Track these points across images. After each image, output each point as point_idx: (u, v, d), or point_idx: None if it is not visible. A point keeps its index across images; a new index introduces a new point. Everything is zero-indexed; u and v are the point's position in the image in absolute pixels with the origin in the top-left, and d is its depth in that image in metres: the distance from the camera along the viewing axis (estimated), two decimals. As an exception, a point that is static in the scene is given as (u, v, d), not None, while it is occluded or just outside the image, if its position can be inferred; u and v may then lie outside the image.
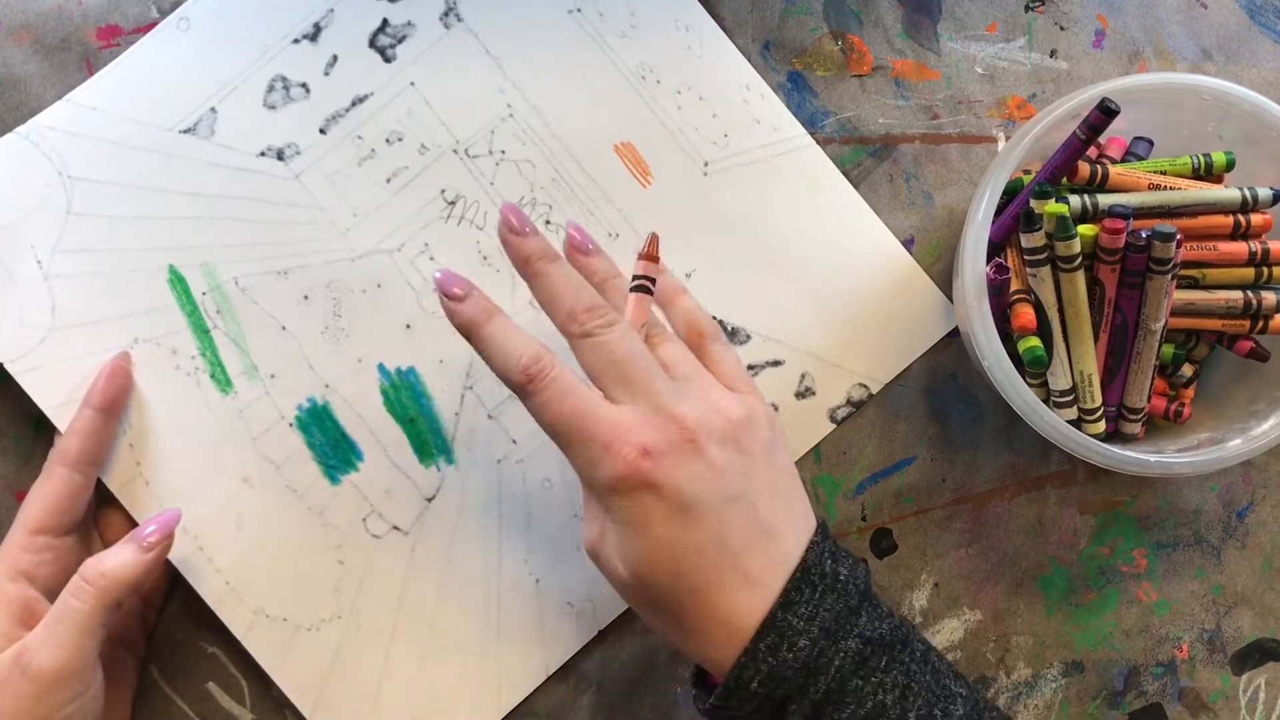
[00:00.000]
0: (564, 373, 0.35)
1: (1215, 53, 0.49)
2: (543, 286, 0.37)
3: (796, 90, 0.47)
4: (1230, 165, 0.43)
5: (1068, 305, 0.41)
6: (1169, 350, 0.43)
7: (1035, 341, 0.40)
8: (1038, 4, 0.48)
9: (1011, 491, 0.46)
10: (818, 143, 0.46)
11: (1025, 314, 0.40)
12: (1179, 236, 0.39)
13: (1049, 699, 0.46)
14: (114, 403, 0.41)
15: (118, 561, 0.36)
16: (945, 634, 0.46)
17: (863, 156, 0.47)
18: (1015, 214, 0.41)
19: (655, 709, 0.44)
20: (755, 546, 0.35)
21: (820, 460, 0.45)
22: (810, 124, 0.47)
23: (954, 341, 0.46)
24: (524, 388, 0.35)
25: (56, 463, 0.39)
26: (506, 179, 0.45)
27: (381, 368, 0.44)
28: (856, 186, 0.47)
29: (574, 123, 0.45)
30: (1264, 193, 0.41)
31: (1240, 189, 0.41)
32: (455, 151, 0.44)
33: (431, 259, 0.44)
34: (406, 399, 0.44)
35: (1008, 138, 0.47)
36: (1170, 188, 0.42)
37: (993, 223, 0.40)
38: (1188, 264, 0.42)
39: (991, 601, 0.46)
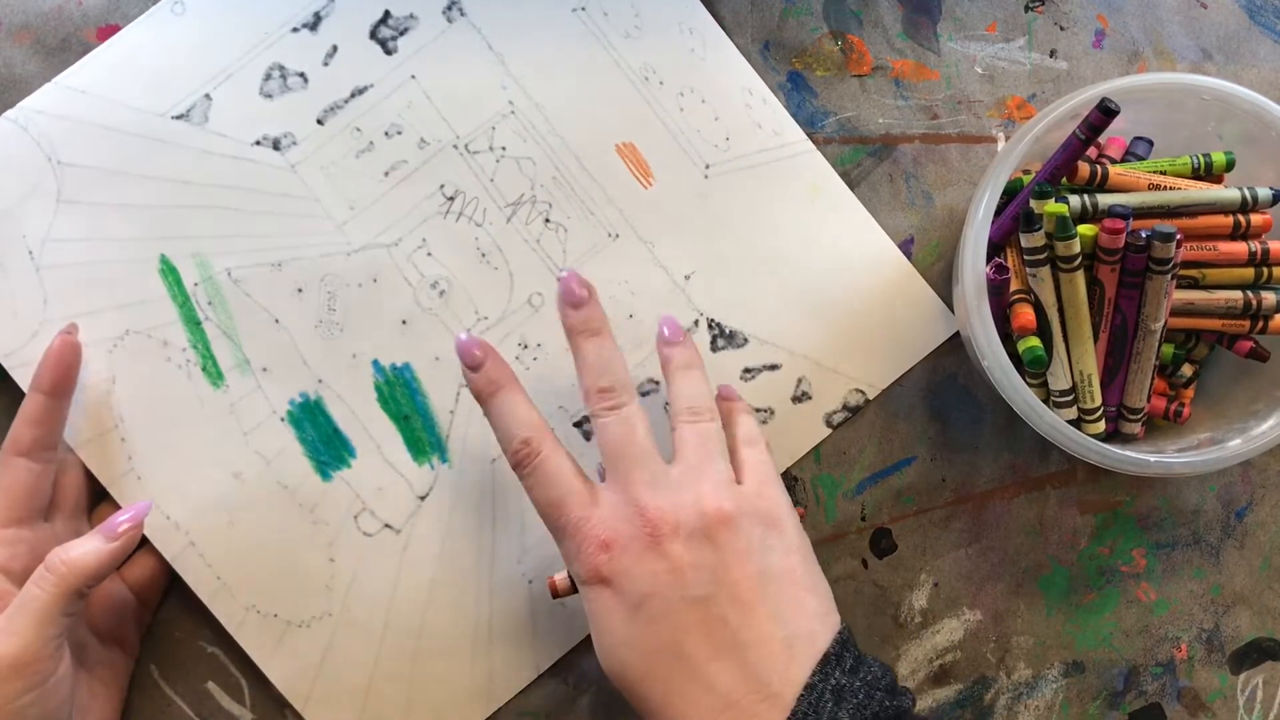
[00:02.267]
0: (550, 458, 0.36)
1: (1215, 53, 0.49)
2: (576, 361, 0.38)
3: (796, 90, 0.47)
4: (1230, 165, 0.43)
5: (1067, 305, 0.41)
6: (1169, 350, 0.44)
7: (1035, 341, 0.40)
8: (1038, 4, 0.48)
9: (1011, 491, 0.46)
10: (817, 143, 0.46)
11: (1025, 314, 0.40)
12: (1179, 236, 0.39)
13: (1050, 699, 0.46)
14: (62, 383, 0.40)
15: (81, 550, 0.36)
16: (945, 634, 0.46)
17: (862, 156, 0.47)
18: (1015, 214, 0.41)
19: (654, 709, 0.44)
20: (723, 659, 0.32)
21: (820, 460, 0.45)
22: (810, 124, 0.47)
23: (955, 342, 0.46)
24: (515, 470, 0.37)
25: (10, 452, 0.39)
26: (507, 176, 0.44)
27: (376, 364, 0.43)
28: (856, 186, 0.46)
29: (576, 121, 0.45)
30: (1264, 193, 0.41)
31: (1240, 189, 0.41)
32: (455, 147, 0.44)
33: (429, 255, 0.44)
34: (401, 396, 0.43)
35: (1008, 138, 0.47)
36: (1170, 188, 0.42)
37: (992, 223, 0.40)
38: (1188, 264, 0.42)
39: (991, 601, 0.46)
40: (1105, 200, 0.41)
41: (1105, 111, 0.39)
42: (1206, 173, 0.43)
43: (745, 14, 0.47)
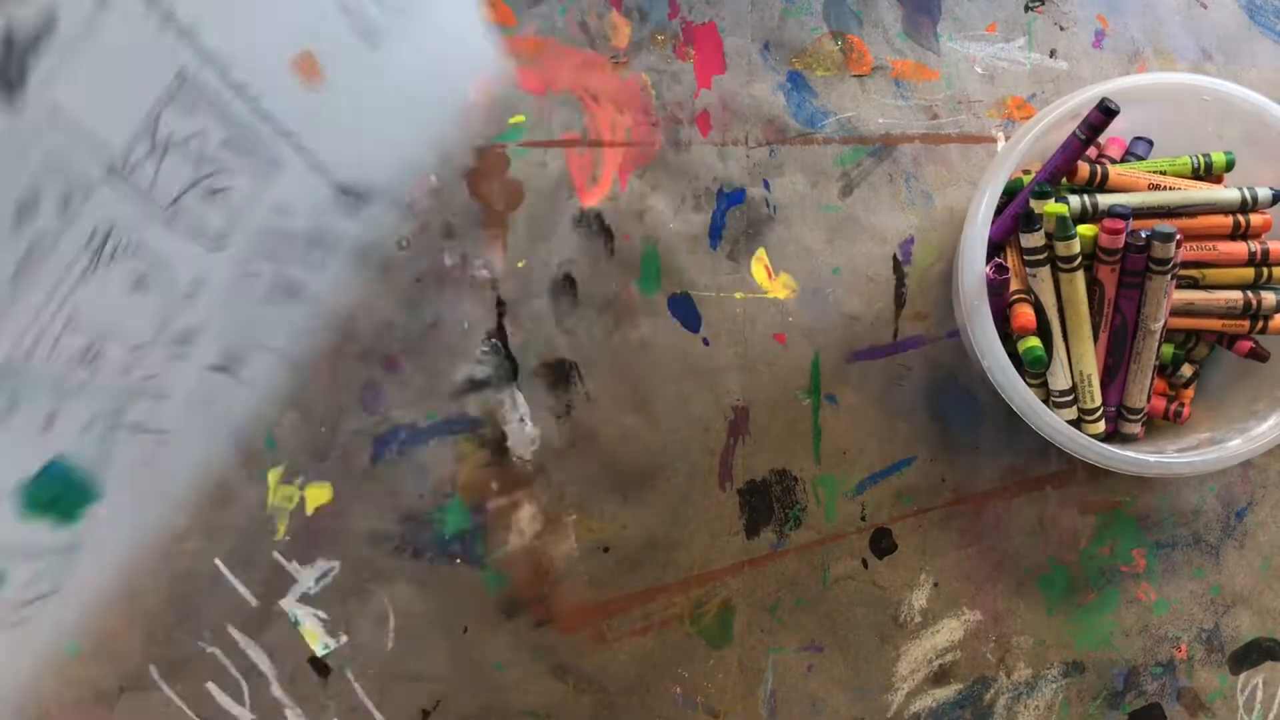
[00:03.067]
0: None
1: (1215, 53, 0.49)
2: None
3: (796, 90, 0.47)
4: (1230, 165, 0.43)
5: (1067, 305, 0.41)
6: (1169, 350, 0.44)
7: (1035, 341, 0.40)
8: (1038, 4, 0.48)
9: (1011, 491, 0.46)
10: (817, 143, 0.46)
11: (1025, 314, 0.40)
12: (1179, 236, 0.39)
13: (1050, 699, 0.46)
14: None
15: None
16: (945, 634, 0.46)
17: (863, 156, 0.47)
18: (1015, 214, 0.41)
19: (655, 709, 0.44)
20: None
21: (820, 460, 0.45)
22: (810, 124, 0.47)
23: (954, 341, 0.46)
24: None
25: None
26: (170, 171, 0.36)
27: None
28: (856, 187, 0.47)
29: (244, 40, 0.37)
30: (1264, 193, 0.41)
31: (1240, 189, 0.41)
32: (113, 172, 0.33)
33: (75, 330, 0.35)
34: None
35: (1008, 138, 0.47)
36: (1170, 188, 0.42)
37: (992, 223, 0.40)
38: (1187, 264, 0.42)
39: (991, 601, 0.46)
40: (1105, 200, 0.41)
41: (1105, 111, 0.39)
42: (1206, 173, 0.43)
43: (745, 14, 0.47)
